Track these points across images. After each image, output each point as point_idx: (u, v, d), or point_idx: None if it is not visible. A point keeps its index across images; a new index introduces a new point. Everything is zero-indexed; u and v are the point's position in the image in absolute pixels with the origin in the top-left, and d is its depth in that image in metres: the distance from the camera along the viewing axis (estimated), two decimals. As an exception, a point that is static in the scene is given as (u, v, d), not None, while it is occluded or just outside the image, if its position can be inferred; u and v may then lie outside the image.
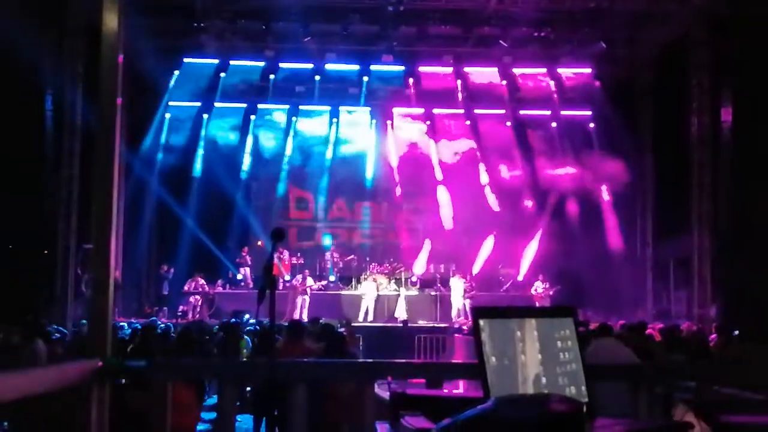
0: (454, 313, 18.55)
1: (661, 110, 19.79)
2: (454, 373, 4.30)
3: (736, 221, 16.49)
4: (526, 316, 2.30)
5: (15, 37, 13.41)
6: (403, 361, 9.24)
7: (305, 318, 16.17)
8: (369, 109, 21.97)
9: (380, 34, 19.36)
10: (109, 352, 3.68)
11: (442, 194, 21.71)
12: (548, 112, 21.36)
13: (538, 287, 19.17)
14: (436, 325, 17.90)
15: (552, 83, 20.76)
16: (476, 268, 20.10)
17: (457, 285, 18.94)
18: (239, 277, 20.09)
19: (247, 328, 12.08)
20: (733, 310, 15.40)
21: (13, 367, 3.09)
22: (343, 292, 19.56)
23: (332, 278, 20.58)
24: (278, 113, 21.84)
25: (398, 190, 22.05)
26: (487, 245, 20.17)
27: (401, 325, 17.44)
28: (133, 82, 16.98)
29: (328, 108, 21.84)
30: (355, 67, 20.86)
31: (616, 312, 16.80)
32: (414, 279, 20.30)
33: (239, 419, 7.63)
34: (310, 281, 18.92)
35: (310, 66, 20.53)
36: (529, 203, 21.32)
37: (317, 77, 20.68)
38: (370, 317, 18.56)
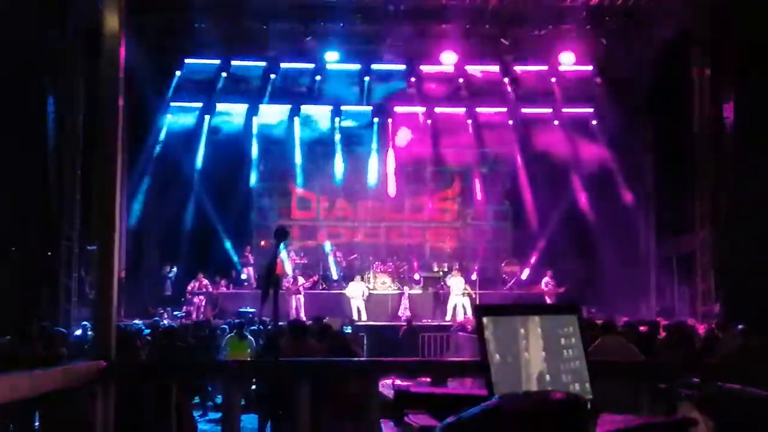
0: (449, 311, 18.46)
1: (662, 106, 19.75)
2: (457, 370, 4.30)
3: (739, 217, 16.44)
4: (530, 314, 2.29)
5: (17, 35, 13.43)
6: (407, 359, 9.25)
7: (303, 317, 16.11)
8: (370, 108, 21.96)
9: (381, 33, 19.37)
10: (113, 353, 3.70)
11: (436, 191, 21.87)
12: (550, 110, 21.35)
13: (548, 283, 19.13)
14: (440, 323, 17.87)
15: (553, 80, 20.74)
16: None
17: (457, 283, 18.88)
18: (243, 276, 20.10)
19: (251, 327, 12.10)
20: (736, 306, 15.36)
21: (11, 368, 3.09)
22: (345, 291, 19.55)
23: (335, 277, 20.61)
24: (280, 113, 21.81)
25: (393, 191, 21.92)
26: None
27: (405, 323, 17.43)
28: (135, 82, 16.98)
29: (329, 107, 21.84)
30: (356, 66, 20.86)
31: (620, 309, 16.77)
32: (417, 277, 20.29)
33: (244, 419, 7.65)
34: (300, 280, 18.71)
35: (311, 66, 20.51)
36: (530, 200, 21.32)
37: (318, 77, 20.67)
38: (363, 317, 18.45)
